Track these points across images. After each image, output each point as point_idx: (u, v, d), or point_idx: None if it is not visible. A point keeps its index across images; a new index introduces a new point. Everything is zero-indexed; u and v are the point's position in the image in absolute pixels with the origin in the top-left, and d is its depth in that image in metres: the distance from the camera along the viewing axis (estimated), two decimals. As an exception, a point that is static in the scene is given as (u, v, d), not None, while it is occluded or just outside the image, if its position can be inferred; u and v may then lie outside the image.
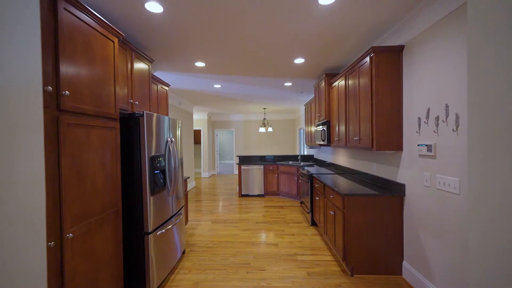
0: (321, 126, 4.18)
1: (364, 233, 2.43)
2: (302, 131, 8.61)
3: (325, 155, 5.43)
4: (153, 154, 2.17)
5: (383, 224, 2.42)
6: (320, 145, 4.40)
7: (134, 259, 2.10)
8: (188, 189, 6.86)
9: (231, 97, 6.27)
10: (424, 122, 2.05)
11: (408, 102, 2.29)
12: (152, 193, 2.14)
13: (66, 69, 1.42)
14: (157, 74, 4.11)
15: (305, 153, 8.01)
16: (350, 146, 3.00)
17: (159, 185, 2.26)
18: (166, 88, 3.66)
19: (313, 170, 4.47)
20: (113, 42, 1.90)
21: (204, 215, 4.58)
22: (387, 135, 2.40)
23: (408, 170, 2.32)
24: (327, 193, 3.05)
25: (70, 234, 1.41)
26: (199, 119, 9.34)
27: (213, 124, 10.29)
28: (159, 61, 3.48)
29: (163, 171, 2.34)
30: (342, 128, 3.26)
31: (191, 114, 7.43)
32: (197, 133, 10.58)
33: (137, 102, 2.60)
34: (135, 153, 2.07)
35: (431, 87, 1.98)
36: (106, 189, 1.77)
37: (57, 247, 1.35)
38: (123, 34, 2.00)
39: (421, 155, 2.12)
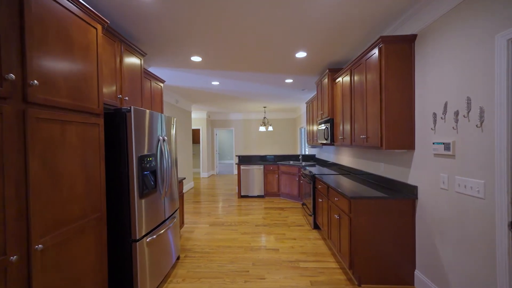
0: (323, 125, 3.99)
1: (372, 239, 2.24)
2: (303, 130, 8.42)
3: (327, 154, 5.24)
4: (142, 153, 1.98)
5: (393, 229, 2.23)
6: (323, 144, 4.21)
7: (121, 270, 1.91)
8: (186, 190, 6.67)
9: (230, 95, 6.08)
10: (441, 117, 1.86)
11: (421, 96, 2.10)
12: (141, 196, 1.95)
13: (35, 55, 1.23)
14: (152, 70, 3.92)
15: (307, 153, 7.82)
16: (356, 145, 2.81)
17: (149, 187, 2.07)
18: (161, 84, 3.47)
19: (315, 170, 4.28)
20: (96, 29, 1.71)
21: (202, 217, 4.39)
22: (398, 132, 2.21)
23: (421, 171, 2.13)
24: (331, 195, 2.86)
25: (40, 246, 1.22)
26: (198, 118, 9.15)
27: (212, 123, 10.11)
28: (152, 55, 3.29)
29: (154, 172, 2.16)
30: (347, 126, 3.07)
31: (189, 113, 7.24)
32: (196, 133, 10.40)
33: (127, 98, 2.41)
34: (122, 152, 1.89)
35: (450, 79, 1.79)
36: (88, 192, 1.58)
37: (22, 261, 1.16)
38: (108, 21, 1.81)
39: (436, 155, 1.93)
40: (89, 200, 1.59)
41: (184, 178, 3.53)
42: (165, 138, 2.38)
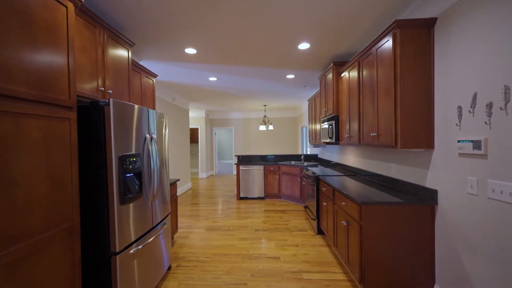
0: (327, 122, 3.74)
1: (386, 250, 1.98)
2: (305, 129, 8.17)
3: (330, 154, 4.99)
4: (124, 153, 1.73)
5: (410, 239, 1.98)
6: (326, 143, 3.96)
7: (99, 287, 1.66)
8: (183, 192, 6.43)
9: (228, 92, 5.83)
10: (469, 111, 1.61)
11: (443, 88, 1.84)
12: (123, 201, 1.70)
13: (-24, 30, 0.98)
14: (145, 64, 3.67)
15: (308, 153, 7.57)
16: (365, 144, 2.56)
17: (133, 192, 1.82)
18: (153, 79, 3.23)
19: (317, 170, 4.03)
20: (66, 7, 1.46)
21: (198, 220, 4.14)
22: (415, 129, 1.96)
23: (442, 172, 1.87)
24: (338, 199, 2.60)
25: (-20, 269, 0.97)
26: (196, 116, 8.91)
27: (211, 122, 9.86)
28: (143, 47, 3.03)
29: (139, 174, 1.90)
30: (355, 123, 2.82)
31: (187, 111, 6.99)
32: (194, 132, 10.15)
33: (110, 91, 2.16)
34: (99, 152, 1.63)
35: (480, 67, 1.53)
36: (54, 199, 1.34)
37: (-46, 290, 0.91)
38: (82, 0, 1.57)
39: (462, 154, 1.67)
40: (55, 209, 1.35)
41: (178, 180, 3.28)
42: (154, 136, 2.13)
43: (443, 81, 1.84)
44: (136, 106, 1.90)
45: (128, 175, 1.78)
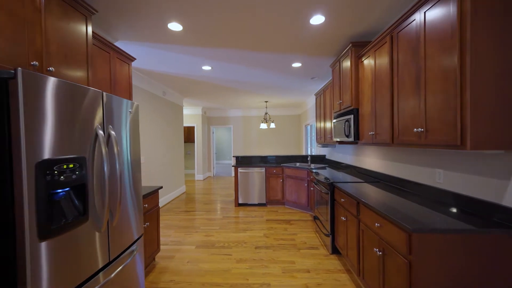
0: (341, 118, 3.10)
1: (448, 299, 1.35)
2: (309, 127, 7.53)
3: (342, 155, 4.35)
4: (49, 156, 1.10)
5: (484, 282, 1.35)
6: (340, 142, 3.33)
7: None
8: (175, 197, 5.79)
9: (226, 86, 5.19)
10: None
11: (542, 58, 1.21)
12: (46, 234, 1.07)
13: None
14: (125, 47, 3.04)
15: (313, 153, 6.94)
16: (402, 143, 1.92)
17: (68, 216, 1.19)
18: (129, 62, 2.60)
19: (327, 174, 3.40)
20: None
21: (188, 233, 3.51)
22: (492, 122, 1.32)
23: (539, 187, 1.24)
24: (366, 216, 1.97)
25: None
26: (192, 114, 8.28)
27: (208, 120, 9.23)
28: (114, 21, 2.40)
29: (81, 188, 1.27)
30: (384, 117, 2.18)
31: (181, 108, 6.36)
32: (190, 130, 9.52)
33: (52, 69, 1.53)
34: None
35: None
36: None
37: None
38: None
39: None
40: None
41: (161, 188, 2.65)
42: (112, 133, 1.50)
43: (543, 47, 1.20)
44: (76, 85, 1.27)
45: (60, 190, 1.15)
